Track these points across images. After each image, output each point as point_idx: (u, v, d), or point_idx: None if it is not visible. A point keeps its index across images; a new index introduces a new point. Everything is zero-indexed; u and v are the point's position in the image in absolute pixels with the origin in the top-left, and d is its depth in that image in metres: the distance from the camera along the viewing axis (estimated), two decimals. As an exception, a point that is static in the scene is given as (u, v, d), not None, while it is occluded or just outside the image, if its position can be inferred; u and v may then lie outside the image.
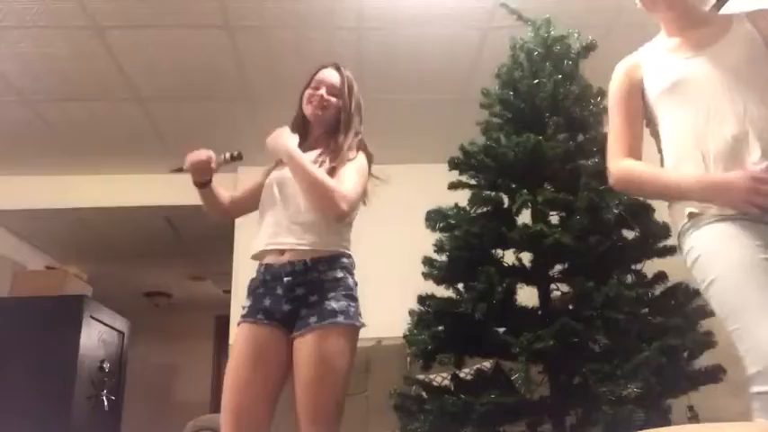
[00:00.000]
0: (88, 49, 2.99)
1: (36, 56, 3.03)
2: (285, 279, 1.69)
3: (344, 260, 1.77)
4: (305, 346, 1.62)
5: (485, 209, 2.35)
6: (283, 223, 1.76)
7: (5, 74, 3.15)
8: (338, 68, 1.95)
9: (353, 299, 1.73)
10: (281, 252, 1.73)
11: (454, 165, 2.42)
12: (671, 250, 2.27)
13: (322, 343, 1.61)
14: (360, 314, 1.74)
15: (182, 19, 2.84)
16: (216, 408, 1.83)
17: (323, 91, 1.89)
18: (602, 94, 2.49)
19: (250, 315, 1.73)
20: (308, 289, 1.68)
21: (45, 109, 3.48)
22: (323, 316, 1.63)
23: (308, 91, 1.92)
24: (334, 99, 1.89)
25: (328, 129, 1.91)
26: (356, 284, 1.78)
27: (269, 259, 1.75)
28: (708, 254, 1.38)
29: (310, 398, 1.59)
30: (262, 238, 1.79)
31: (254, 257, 1.81)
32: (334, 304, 1.66)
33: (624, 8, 2.91)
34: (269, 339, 1.68)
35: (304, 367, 1.61)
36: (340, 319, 1.65)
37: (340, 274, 1.73)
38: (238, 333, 1.74)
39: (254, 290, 1.77)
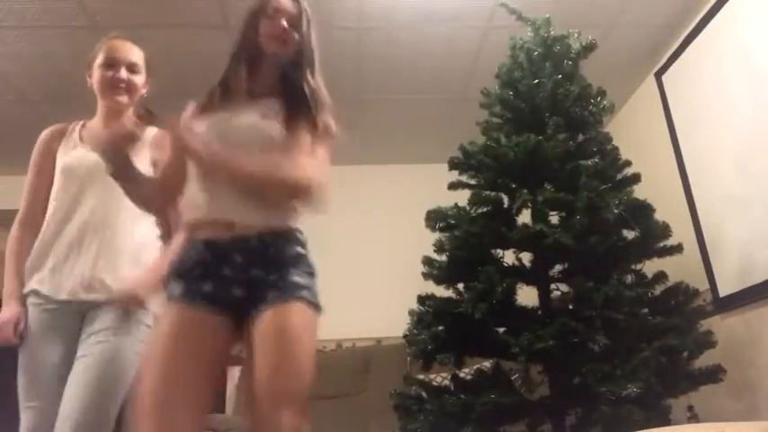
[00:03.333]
0: (88, 49, 2.97)
1: (36, 56, 3.02)
2: (237, 258, 1.40)
3: (300, 236, 1.49)
4: (267, 323, 1.35)
5: (485, 209, 2.35)
6: (230, 191, 1.43)
7: (5, 74, 3.15)
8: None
9: (314, 277, 1.46)
10: (229, 226, 1.41)
11: (454, 165, 2.42)
12: (671, 250, 2.27)
13: (287, 318, 1.35)
14: (318, 296, 1.45)
15: (182, 19, 2.84)
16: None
17: (284, 22, 1.56)
18: (602, 94, 2.49)
19: (187, 297, 1.39)
20: (265, 269, 1.40)
21: (45, 109, 3.48)
22: (285, 290, 1.37)
23: (265, 21, 1.58)
24: (295, 34, 1.57)
25: (283, 70, 1.59)
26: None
27: (208, 234, 1.43)
28: None
29: (279, 379, 1.32)
30: (200, 206, 1.45)
31: (190, 229, 1.47)
32: (297, 278, 1.40)
33: (624, 8, 2.91)
34: (208, 328, 1.39)
35: (269, 346, 1.34)
36: (305, 293, 1.39)
37: (302, 251, 1.46)
38: (168, 314, 1.40)
39: (187, 273, 1.41)
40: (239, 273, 1.40)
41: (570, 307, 2.19)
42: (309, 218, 1.56)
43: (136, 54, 1.98)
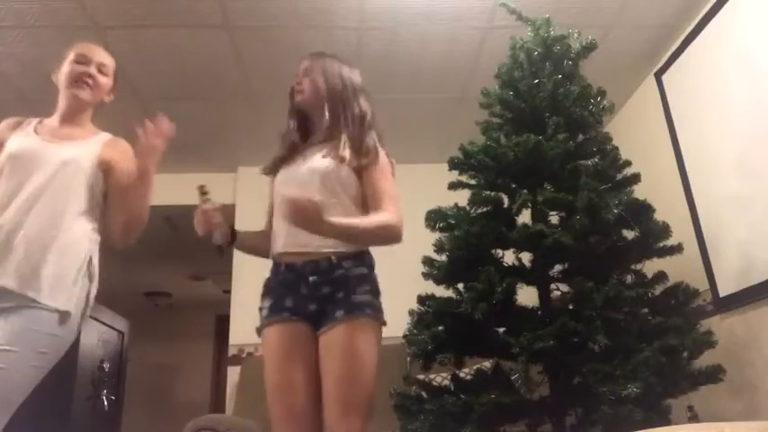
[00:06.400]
0: (88, 49, 2.98)
1: (36, 56, 3.02)
2: (311, 278, 1.65)
3: (368, 257, 1.75)
4: (333, 339, 1.58)
5: (485, 209, 2.35)
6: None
7: (5, 74, 3.15)
8: (311, 55, 1.92)
9: (378, 294, 1.71)
10: (303, 252, 1.67)
11: (454, 165, 2.42)
12: (671, 250, 2.27)
13: (351, 335, 1.58)
14: (383, 312, 1.72)
15: (182, 19, 2.84)
16: (215, 408, 1.82)
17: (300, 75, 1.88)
18: (602, 94, 2.49)
19: (274, 313, 1.68)
20: (334, 287, 1.64)
21: (46, 109, 3.47)
22: (350, 309, 1.60)
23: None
24: (306, 81, 1.85)
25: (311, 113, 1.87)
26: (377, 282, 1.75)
27: (289, 258, 1.70)
28: None
29: (342, 392, 1.53)
30: (279, 240, 1.73)
31: (274, 258, 1.76)
32: (360, 298, 1.63)
33: (624, 8, 2.91)
34: (300, 334, 1.63)
35: (334, 361, 1.56)
36: (368, 311, 1.63)
37: (365, 271, 1.70)
38: (267, 335, 1.67)
39: (274, 289, 1.72)
40: (313, 291, 1.65)
41: (570, 307, 2.19)
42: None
43: (107, 57, 2.00)
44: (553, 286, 2.33)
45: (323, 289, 1.64)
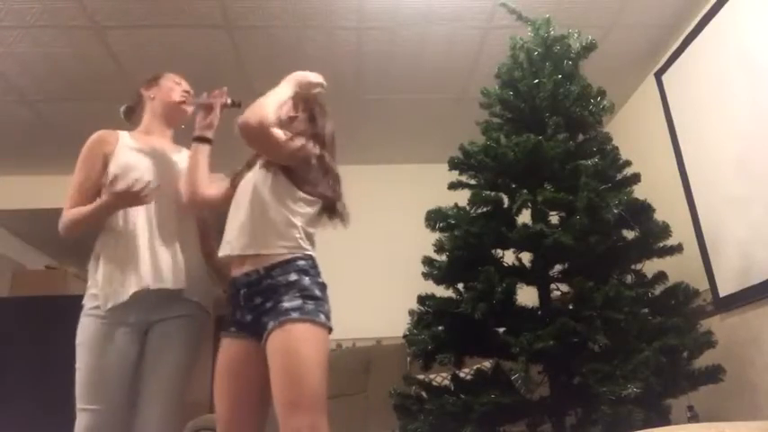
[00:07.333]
0: (88, 49, 2.98)
1: (36, 56, 3.02)
2: (242, 291, 1.71)
3: (300, 263, 1.71)
4: (270, 347, 1.61)
5: (485, 209, 2.35)
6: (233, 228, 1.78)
7: (5, 74, 3.15)
8: None
9: (312, 298, 1.66)
10: (241, 262, 1.73)
11: (454, 165, 2.42)
12: (671, 250, 2.27)
13: (284, 338, 1.60)
14: (323, 313, 1.66)
15: (182, 19, 2.84)
16: (213, 408, 1.83)
17: None
18: (602, 94, 2.49)
19: (226, 327, 1.77)
20: (264, 297, 1.68)
21: (45, 109, 3.48)
22: (277, 316, 1.62)
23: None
24: None
25: None
26: (317, 284, 1.71)
27: (232, 272, 1.77)
28: None
29: (285, 391, 1.56)
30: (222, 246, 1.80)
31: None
32: (286, 304, 1.63)
33: (624, 8, 2.91)
34: (243, 350, 1.71)
35: (273, 364, 1.60)
36: (294, 315, 1.61)
37: (294, 277, 1.68)
38: (220, 346, 1.78)
39: (229, 302, 1.79)
40: (246, 302, 1.72)
41: (570, 307, 2.19)
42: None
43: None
44: (553, 286, 2.33)
45: (255, 299, 1.69)
